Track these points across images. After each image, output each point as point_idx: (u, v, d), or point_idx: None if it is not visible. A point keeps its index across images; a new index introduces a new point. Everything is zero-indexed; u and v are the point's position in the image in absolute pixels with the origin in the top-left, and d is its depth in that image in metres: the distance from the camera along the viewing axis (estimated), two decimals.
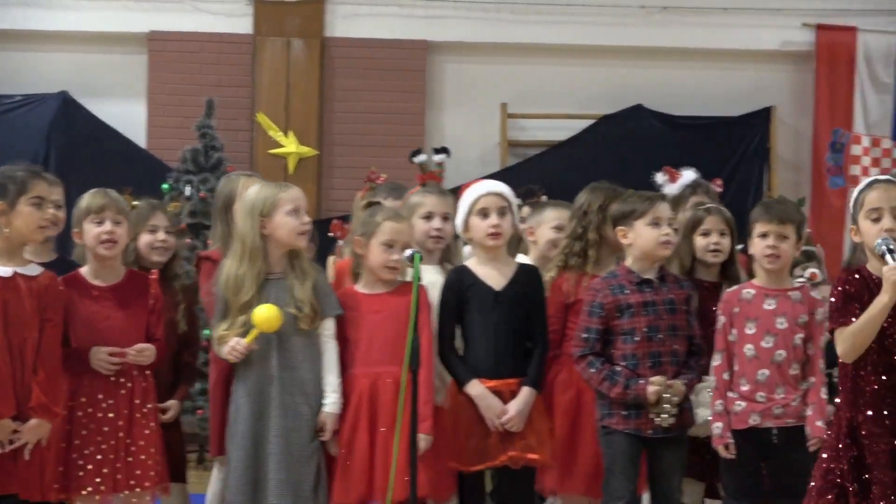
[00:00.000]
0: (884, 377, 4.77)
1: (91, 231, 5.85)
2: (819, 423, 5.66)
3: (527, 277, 6.02)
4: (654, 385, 5.73)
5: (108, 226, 5.85)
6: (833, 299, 4.92)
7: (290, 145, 11.44)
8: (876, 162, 11.99)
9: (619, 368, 5.81)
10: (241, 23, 11.91)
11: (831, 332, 4.95)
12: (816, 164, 12.18)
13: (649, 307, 5.78)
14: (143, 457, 5.75)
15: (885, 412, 4.74)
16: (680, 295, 5.91)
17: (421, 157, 8.04)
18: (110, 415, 5.73)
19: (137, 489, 5.75)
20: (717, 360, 5.79)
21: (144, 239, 6.24)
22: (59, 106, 11.73)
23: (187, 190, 9.89)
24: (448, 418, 5.89)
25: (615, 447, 5.82)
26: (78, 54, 11.96)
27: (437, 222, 6.20)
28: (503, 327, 5.91)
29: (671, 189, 7.14)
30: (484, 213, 5.94)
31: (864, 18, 12.25)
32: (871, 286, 4.79)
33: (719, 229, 6.22)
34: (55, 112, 11.71)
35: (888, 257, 4.70)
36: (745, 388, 5.68)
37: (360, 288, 5.92)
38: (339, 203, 10.94)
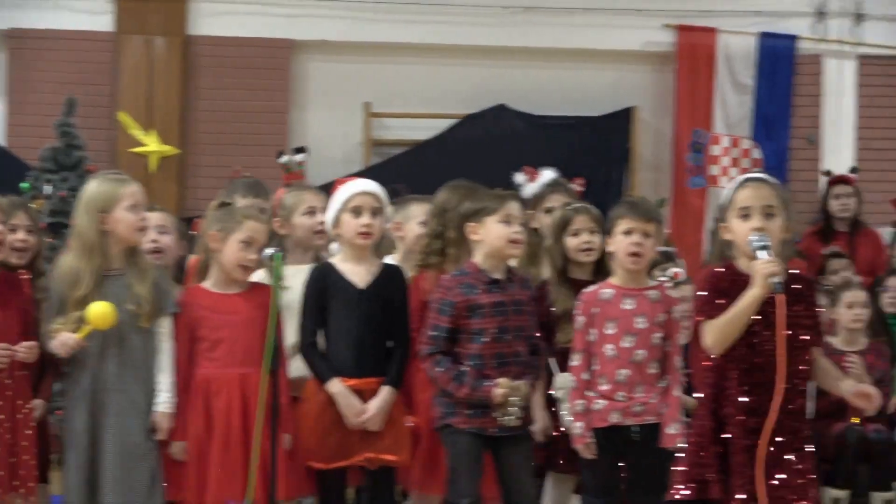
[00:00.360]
0: (748, 374, 4.89)
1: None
2: (671, 430, 5.77)
3: (391, 277, 6.12)
4: (501, 388, 5.75)
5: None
6: (701, 293, 5.03)
7: (151, 144, 11.30)
8: (735, 162, 12.05)
9: (465, 369, 5.82)
10: (101, 20, 11.78)
11: (697, 324, 5.02)
12: (677, 163, 12.16)
13: (498, 308, 5.85)
14: (26, 457, 5.76)
15: (749, 409, 4.86)
16: (525, 295, 5.99)
17: (284, 158, 8.24)
18: None
19: (22, 490, 5.75)
20: (575, 361, 5.86)
21: (8, 239, 6.16)
22: None
23: (47, 189, 9.79)
24: (307, 416, 5.93)
25: (459, 447, 5.86)
26: None
27: (319, 216, 6.27)
28: (366, 326, 5.96)
29: (531, 188, 7.40)
30: (356, 212, 5.99)
31: (724, 20, 12.27)
32: (740, 282, 4.90)
33: (589, 228, 6.26)
34: None
35: (760, 253, 4.80)
36: (605, 388, 5.76)
37: (209, 286, 5.95)
38: (202, 202, 10.59)
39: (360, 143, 12.03)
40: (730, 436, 4.92)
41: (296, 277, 6.05)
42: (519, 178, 7.79)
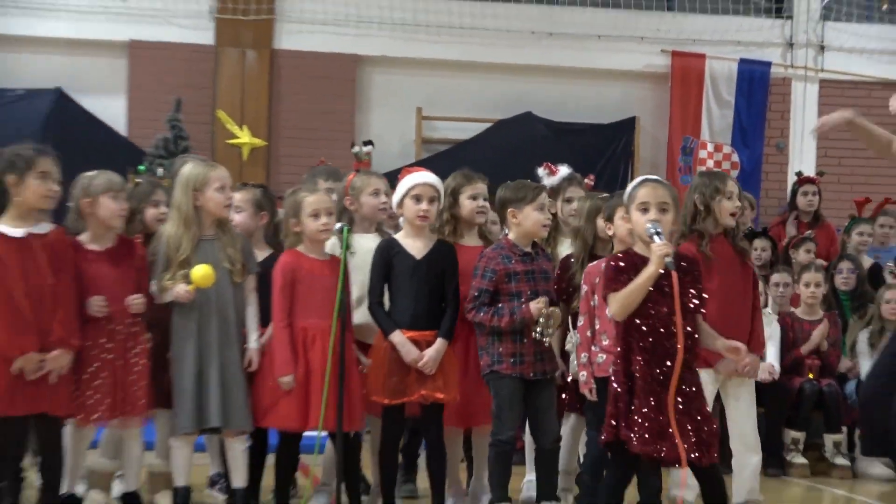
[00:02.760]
0: (648, 337, 5.04)
1: (106, 206, 6.02)
2: None
3: (442, 250, 6.25)
4: (536, 304, 5.89)
5: (121, 203, 6.07)
6: (606, 271, 5.21)
7: (244, 137, 11.76)
8: (718, 164, 12.57)
9: (501, 305, 5.97)
10: (204, 35, 12.29)
11: (605, 296, 5.20)
12: (671, 164, 12.74)
13: (529, 275, 6.03)
14: (134, 388, 5.97)
15: (649, 360, 5.01)
16: (549, 266, 6.22)
17: (356, 149, 8.01)
18: (110, 356, 5.94)
19: (130, 414, 6.00)
20: (581, 321, 6.07)
21: (150, 213, 6.44)
22: (55, 100, 11.94)
23: (159, 171, 9.73)
24: (374, 361, 6.14)
25: (504, 390, 6.04)
26: (71, 57, 12.17)
27: (382, 197, 6.43)
28: (421, 289, 6.11)
29: (551, 181, 7.33)
30: (417, 199, 6.13)
31: (711, 47, 12.86)
32: (637, 262, 5.07)
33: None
34: (51, 105, 11.90)
35: (655, 238, 4.96)
36: (605, 343, 5.91)
37: (305, 251, 6.11)
38: (285, 186, 10.54)
39: (412, 140, 12.54)
40: (637, 380, 5.06)
41: (361, 244, 6.26)
42: (541, 172, 7.62)
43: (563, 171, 7.37)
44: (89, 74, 12.27)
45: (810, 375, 8.43)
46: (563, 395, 6.36)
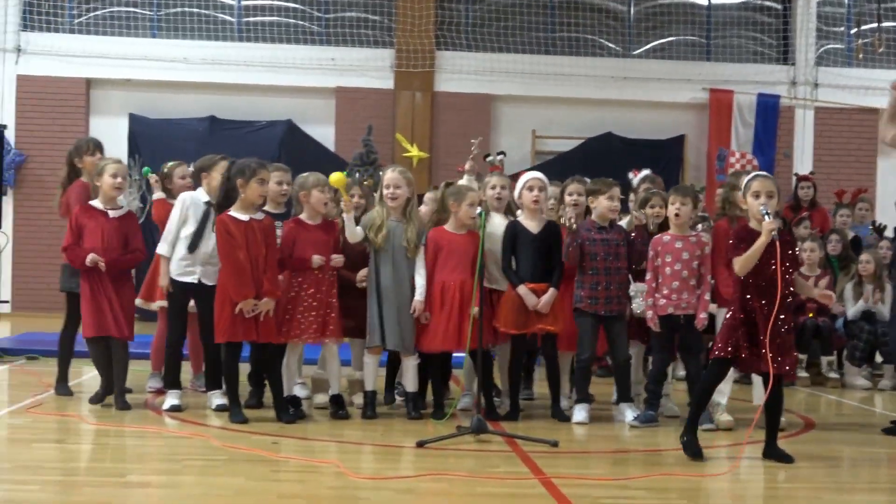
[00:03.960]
0: (759, 285, 5.19)
1: (316, 196, 6.44)
2: (702, 315, 6.20)
3: (551, 227, 6.60)
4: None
5: (328, 194, 6.52)
6: (731, 241, 5.26)
7: (414, 151, 12.71)
8: (742, 167, 13.86)
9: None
10: (387, 82, 14.40)
11: (730, 260, 5.24)
12: (709, 167, 14.42)
13: (605, 243, 6.43)
14: (332, 315, 6.43)
15: (763, 301, 5.17)
16: (620, 237, 6.50)
17: (490, 158, 8.67)
18: (318, 294, 6.41)
19: (331, 336, 6.45)
20: (648, 276, 6.31)
21: (354, 199, 6.74)
22: (287, 129, 14.00)
23: (357, 177, 10.32)
24: (505, 304, 6.48)
25: (585, 322, 6.45)
26: (297, 99, 14.20)
27: (499, 190, 6.73)
28: (537, 254, 6.48)
29: (635, 179, 7.64)
30: (531, 189, 6.50)
31: (737, 85, 14.58)
32: (753, 234, 5.17)
33: (660, 204, 6.72)
34: (284, 132, 13.94)
35: (766, 217, 5.07)
36: (665, 292, 6.23)
37: (449, 228, 6.52)
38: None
39: (529, 152, 14.48)
40: (753, 315, 5.16)
41: (492, 222, 6.51)
42: (630, 175, 7.69)
43: (644, 172, 7.76)
44: (310, 110, 14.26)
45: (810, 315, 8.79)
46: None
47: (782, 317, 5.15)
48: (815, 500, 4.78)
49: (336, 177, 6.18)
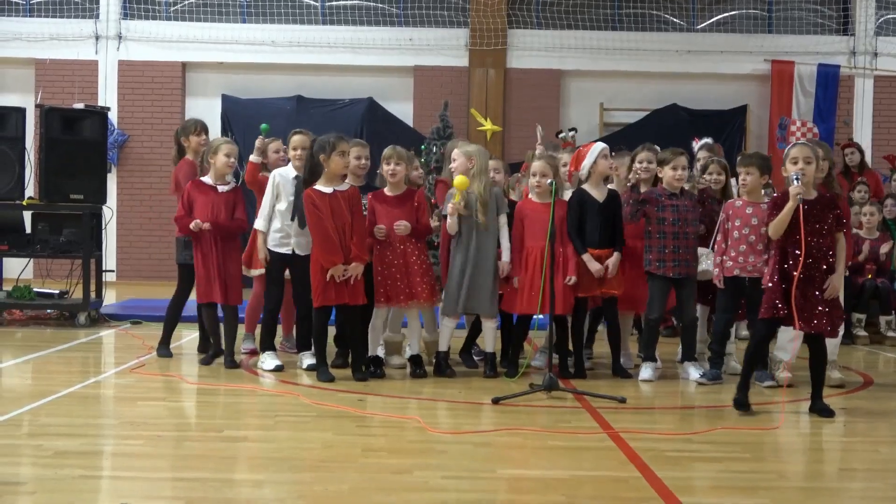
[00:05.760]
0: (795, 249, 5.18)
1: (385, 168, 6.49)
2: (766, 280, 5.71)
3: (613, 195, 6.63)
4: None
5: (392, 166, 6.49)
6: (768, 207, 5.35)
7: (488, 125, 13.32)
8: (804, 135, 13.95)
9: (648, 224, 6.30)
10: (461, 60, 14.35)
11: (767, 224, 5.29)
12: (771, 136, 14.27)
13: (674, 208, 6.42)
14: (417, 279, 6.46)
15: (800, 262, 5.15)
16: (690, 203, 6.49)
17: (563, 134, 9.10)
18: (397, 261, 6.44)
19: (418, 299, 6.50)
20: (718, 237, 6.28)
21: (414, 173, 6.84)
22: (368, 106, 14.05)
23: (434, 149, 10.68)
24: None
25: (656, 284, 6.46)
26: (378, 77, 14.14)
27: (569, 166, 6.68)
28: (602, 221, 6.50)
29: (696, 147, 7.66)
30: (605, 157, 6.56)
31: (798, 56, 14.41)
32: (788, 200, 5.17)
33: (717, 171, 6.81)
34: (365, 109, 14.00)
35: (794, 182, 5.13)
36: (733, 254, 6.18)
37: (532, 197, 6.56)
38: (516, 156, 12.29)
39: (597, 124, 14.41)
40: (792, 277, 5.16)
41: (564, 195, 6.61)
42: (693, 143, 7.67)
43: (705, 140, 7.80)
44: (390, 88, 14.32)
45: (869, 276, 8.82)
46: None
47: (817, 276, 5.15)
48: (874, 454, 4.77)
49: (460, 180, 6.20)
